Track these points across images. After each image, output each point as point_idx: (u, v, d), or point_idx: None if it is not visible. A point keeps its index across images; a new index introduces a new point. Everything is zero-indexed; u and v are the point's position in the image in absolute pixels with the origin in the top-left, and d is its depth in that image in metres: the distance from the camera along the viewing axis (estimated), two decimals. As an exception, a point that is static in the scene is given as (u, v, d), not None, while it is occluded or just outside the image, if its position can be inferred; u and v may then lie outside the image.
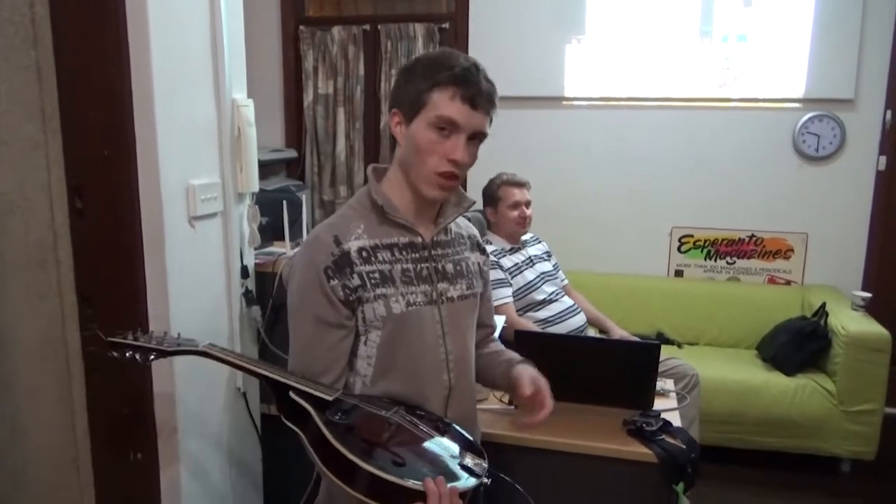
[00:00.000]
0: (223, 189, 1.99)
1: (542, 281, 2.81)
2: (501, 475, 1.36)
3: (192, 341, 1.37)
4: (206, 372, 1.98)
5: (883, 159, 3.55)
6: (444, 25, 3.96)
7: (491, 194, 2.88)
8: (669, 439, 1.81)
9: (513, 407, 1.99)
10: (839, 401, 3.03)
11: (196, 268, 1.95)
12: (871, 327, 3.05)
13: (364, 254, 1.29)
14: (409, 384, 1.34)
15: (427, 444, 1.26)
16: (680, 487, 1.76)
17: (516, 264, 2.82)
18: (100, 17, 1.71)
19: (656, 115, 3.77)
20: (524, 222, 2.82)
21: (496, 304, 2.66)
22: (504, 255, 2.82)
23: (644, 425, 1.83)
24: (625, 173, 3.84)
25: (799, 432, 3.07)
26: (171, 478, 1.93)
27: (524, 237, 2.93)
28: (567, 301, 2.76)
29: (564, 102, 3.86)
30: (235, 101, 2.02)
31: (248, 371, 1.34)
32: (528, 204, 2.84)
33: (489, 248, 2.86)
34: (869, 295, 3.25)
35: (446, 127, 1.24)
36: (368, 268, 1.29)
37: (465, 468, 1.25)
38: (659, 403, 2.00)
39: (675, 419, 1.93)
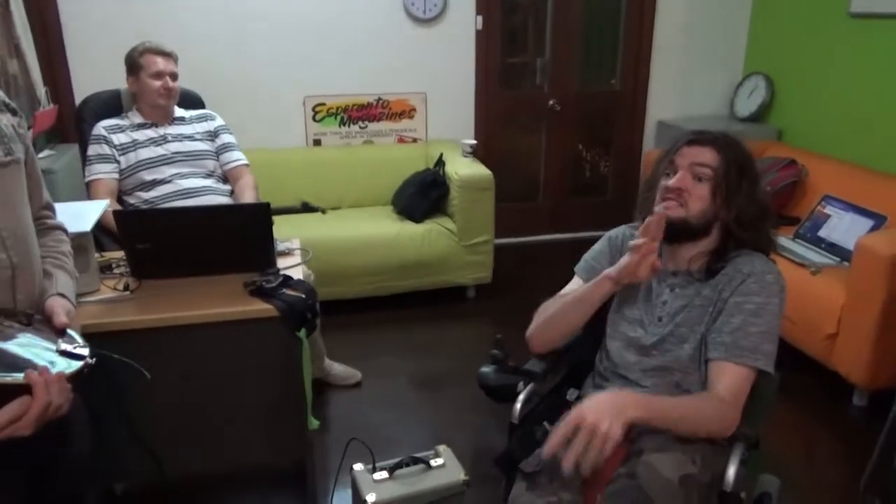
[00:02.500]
0: None
1: (165, 162, 2.63)
2: (107, 353, 1.31)
3: None
4: None
5: (479, 19, 3.94)
6: None
7: (133, 62, 2.63)
8: (291, 292, 1.89)
9: (128, 293, 1.87)
10: (459, 237, 3.47)
11: None
12: (478, 170, 3.50)
13: None
14: None
15: (14, 340, 1.17)
16: (302, 333, 1.86)
17: (135, 141, 2.62)
18: None
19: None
20: (168, 94, 2.64)
21: (89, 179, 2.56)
22: (124, 131, 2.63)
23: (264, 283, 1.87)
24: (248, 44, 3.69)
25: (431, 270, 3.47)
26: None
27: (184, 113, 2.76)
28: (187, 184, 2.61)
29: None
30: None
31: None
32: (173, 76, 2.65)
33: (107, 122, 2.63)
34: (475, 142, 3.69)
35: None
36: None
37: (65, 354, 1.19)
38: (283, 262, 2.05)
39: (298, 273, 2.01)
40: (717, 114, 4.40)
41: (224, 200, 2.71)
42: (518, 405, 1.59)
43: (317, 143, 3.93)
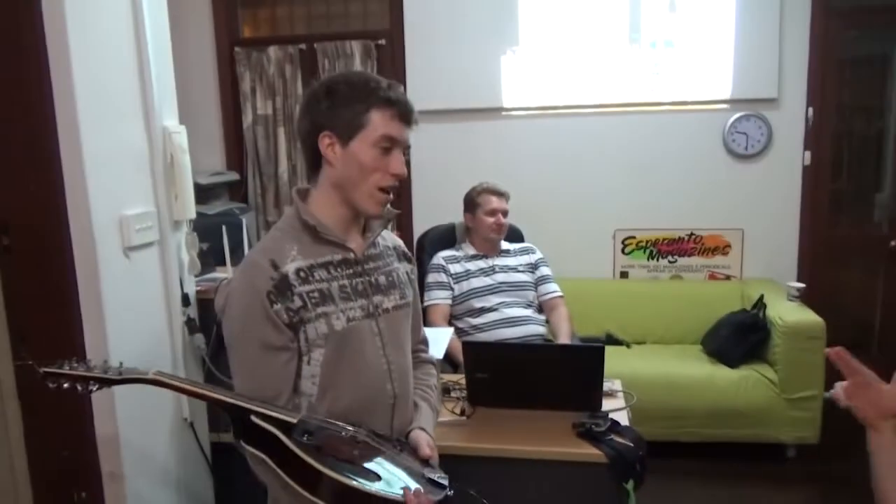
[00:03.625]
0: (158, 218, 1.97)
1: (492, 291, 2.85)
2: (463, 488, 1.41)
3: (136, 370, 1.30)
4: (150, 406, 1.94)
5: (807, 154, 3.71)
6: (380, 42, 3.98)
7: (471, 201, 2.97)
8: (618, 438, 1.85)
9: (465, 418, 2.00)
10: (781, 389, 3.14)
11: (134, 298, 1.92)
12: (807, 316, 3.18)
13: (302, 274, 1.32)
14: (355, 398, 1.36)
15: (393, 460, 1.31)
16: (630, 485, 1.79)
17: (468, 271, 2.88)
18: (18, 47, 1.67)
19: (593, 121, 3.86)
20: (499, 229, 2.90)
21: (428, 304, 2.78)
22: (459, 262, 2.90)
23: (593, 426, 1.86)
24: (566, 179, 3.92)
25: (745, 422, 3.17)
26: (119, 516, 1.89)
27: (508, 246, 3.01)
28: (511, 313, 2.78)
29: (503, 113, 3.92)
30: (167, 128, 1.99)
31: (203, 397, 1.32)
32: (504, 213, 2.92)
33: (445, 253, 2.91)
34: (803, 285, 3.38)
35: (388, 145, 1.30)
36: (307, 288, 1.31)
37: (430, 482, 1.31)
38: (607, 404, 2.04)
39: (623, 418, 1.98)
40: None
41: (541, 330, 2.83)
42: None
43: (623, 275, 3.94)
